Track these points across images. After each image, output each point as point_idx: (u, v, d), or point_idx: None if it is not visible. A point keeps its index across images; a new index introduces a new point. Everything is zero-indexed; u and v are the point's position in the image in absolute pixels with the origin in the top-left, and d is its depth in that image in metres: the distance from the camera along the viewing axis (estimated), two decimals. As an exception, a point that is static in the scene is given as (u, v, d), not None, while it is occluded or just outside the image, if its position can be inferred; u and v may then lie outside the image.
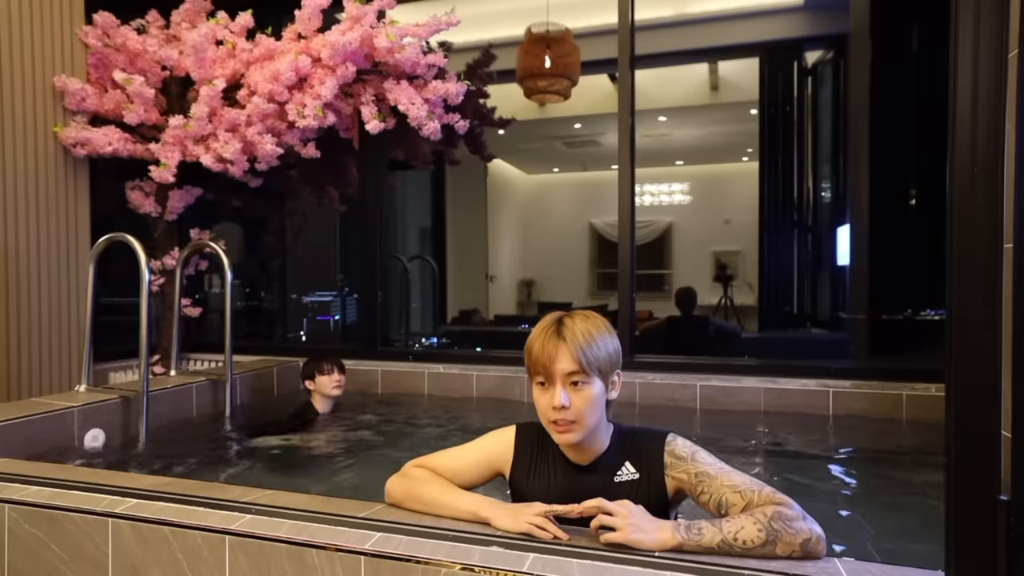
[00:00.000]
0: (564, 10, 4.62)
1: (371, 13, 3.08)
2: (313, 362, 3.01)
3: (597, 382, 1.25)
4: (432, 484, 1.38)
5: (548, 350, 1.23)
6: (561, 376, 1.23)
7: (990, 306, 1.05)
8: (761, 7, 4.71)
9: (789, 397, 2.96)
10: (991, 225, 1.05)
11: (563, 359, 1.23)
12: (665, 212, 9.64)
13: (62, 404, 2.43)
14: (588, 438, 1.29)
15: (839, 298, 4.40)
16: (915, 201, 3.51)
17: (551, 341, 1.24)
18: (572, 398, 1.23)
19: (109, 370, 3.59)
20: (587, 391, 1.24)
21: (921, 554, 1.59)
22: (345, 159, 3.90)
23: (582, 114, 6.85)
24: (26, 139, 3.10)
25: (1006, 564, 1.03)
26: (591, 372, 1.24)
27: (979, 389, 1.05)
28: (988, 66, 1.06)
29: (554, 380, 1.24)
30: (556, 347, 1.23)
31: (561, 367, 1.23)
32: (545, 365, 1.23)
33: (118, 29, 3.34)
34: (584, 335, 1.24)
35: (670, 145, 8.30)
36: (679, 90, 6.50)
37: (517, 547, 1.21)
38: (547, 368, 1.24)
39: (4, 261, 3.00)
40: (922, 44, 3.51)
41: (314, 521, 1.35)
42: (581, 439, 1.27)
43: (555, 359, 1.23)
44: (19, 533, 1.53)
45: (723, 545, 1.15)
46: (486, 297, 8.51)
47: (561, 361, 1.23)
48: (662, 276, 9.53)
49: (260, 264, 4.49)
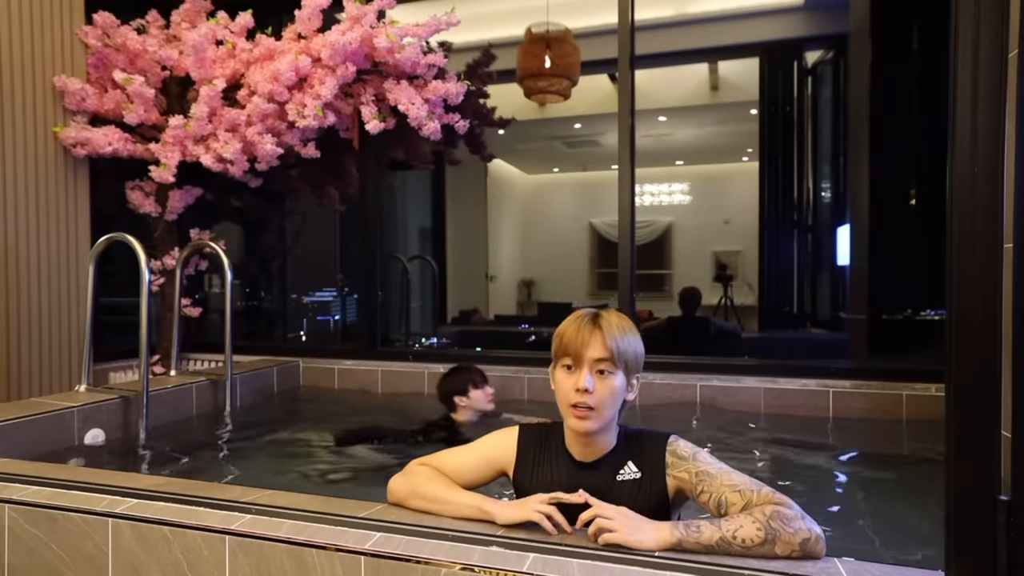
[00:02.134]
0: (564, 10, 4.62)
1: (371, 13, 3.08)
2: (461, 374, 2.65)
3: (621, 376, 1.29)
4: (436, 482, 1.38)
5: (583, 335, 1.28)
6: (590, 361, 1.27)
7: (990, 306, 1.05)
8: (761, 7, 4.71)
9: (789, 397, 2.96)
10: (991, 225, 1.05)
11: (595, 345, 1.27)
12: (665, 212, 9.65)
13: (62, 404, 2.43)
14: (599, 432, 1.31)
15: (839, 298, 4.39)
16: (915, 201, 3.51)
17: (586, 327, 1.29)
18: (596, 385, 1.27)
19: (109, 370, 3.59)
20: (611, 381, 1.28)
21: (921, 554, 1.59)
22: (345, 159, 3.90)
23: (582, 114, 6.85)
24: (26, 139, 3.10)
25: (1006, 564, 1.03)
26: (618, 363, 1.28)
27: (979, 389, 1.05)
28: (988, 66, 1.05)
29: (582, 364, 1.27)
30: (591, 333, 1.28)
31: (592, 353, 1.27)
32: (577, 348, 1.27)
33: (118, 29, 3.34)
34: (619, 328, 1.30)
35: (670, 145, 8.30)
36: (679, 90, 6.50)
37: (517, 547, 1.21)
38: (578, 352, 1.27)
39: (4, 261, 3.00)
40: (922, 44, 3.51)
41: (314, 521, 1.35)
42: (595, 429, 1.29)
43: (588, 344, 1.27)
44: (19, 533, 1.53)
45: (722, 543, 1.16)
46: (486, 297, 8.51)
47: (593, 347, 1.27)
48: (662, 276, 9.53)
49: (260, 264, 4.49)
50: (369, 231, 3.79)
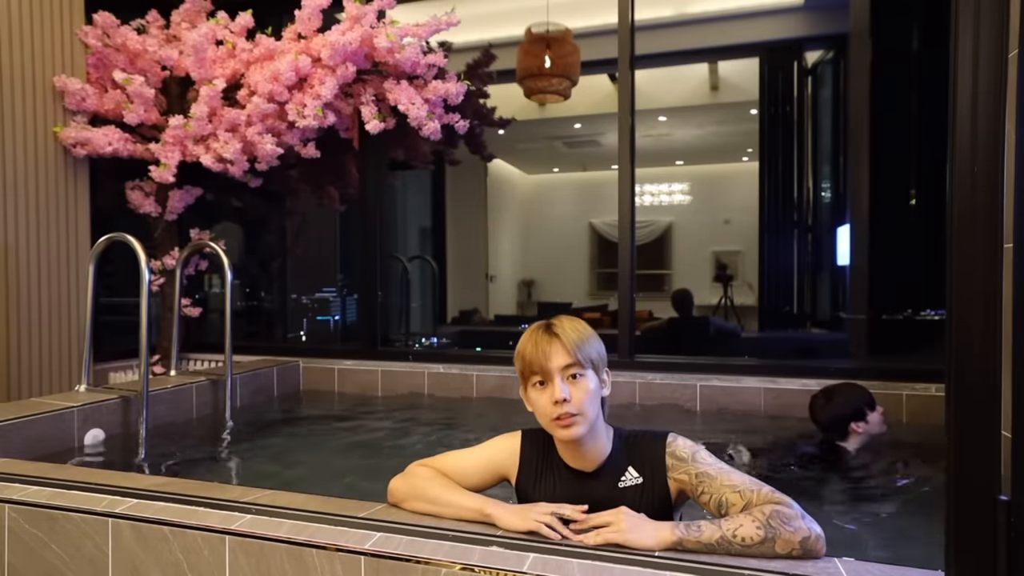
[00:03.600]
0: (564, 10, 4.62)
1: (371, 13, 3.08)
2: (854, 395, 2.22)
3: (592, 375, 1.29)
4: (437, 483, 1.38)
5: (543, 348, 1.27)
6: (558, 370, 1.26)
7: (990, 306, 1.05)
8: (761, 7, 4.71)
9: (789, 397, 2.96)
10: (991, 225, 1.05)
11: (558, 354, 1.26)
12: (665, 212, 9.65)
13: (62, 404, 2.43)
14: (590, 436, 1.30)
15: (839, 298, 4.39)
16: (915, 201, 3.51)
17: (543, 339, 1.28)
18: (572, 390, 1.26)
19: (109, 370, 3.59)
20: (584, 383, 1.27)
21: (921, 554, 1.59)
22: (345, 159, 3.90)
23: (582, 114, 6.85)
24: (26, 139, 3.10)
25: (1006, 564, 1.03)
26: (585, 364, 1.27)
27: (979, 389, 1.05)
28: (988, 66, 1.05)
29: (551, 376, 1.27)
30: (550, 343, 1.27)
31: (557, 362, 1.26)
32: (541, 363, 1.27)
33: (118, 29, 3.34)
34: (574, 331, 1.29)
35: (670, 145, 8.30)
36: (679, 90, 6.50)
37: (517, 547, 1.21)
38: (543, 366, 1.27)
39: (4, 261, 3.00)
40: (922, 44, 3.51)
41: (314, 521, 1.35)
42: (584, 433, 1.28)
43: (550, 355, 1.26)
44: (19, 533, 1.53)
45: (722, 542, 1.16)
46: (486, 297, 8.51)
47: (556, 356, 1.26)
48: (662, 276, 9.53)
49: (260, 264, 4.49)
50: (369, 231, 3.79)
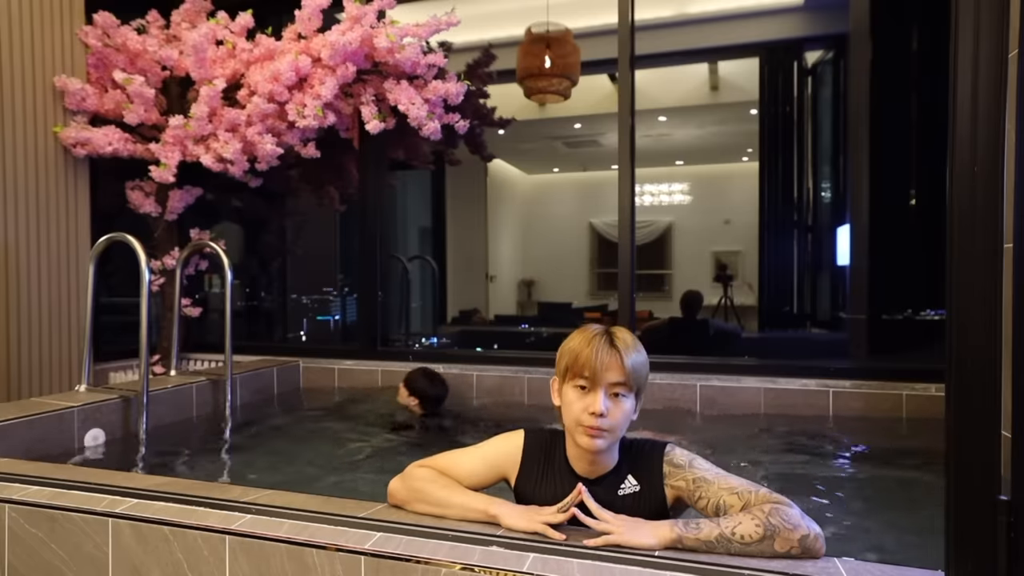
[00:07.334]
0: (564, 10, 4.62)
1: (371, 13, 3.08)
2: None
3: (632, 399, 1.29)
4: (438, 483, 1.37)
5: (601, 357, 1.25)
6: (607, 384, 1.26)
7: (990, 306, 1.05)
8: (761, 7, 4.71)
9: (789, 397, 2.96)
10: (991, 225, 1.05)
11: (613, 369, 1.25)
12: (665, 212, 9.65)
13: (62, 404, 2.43)
14: (607, 451, 1.31)
15: (839, 298, 4.39)
16: (915, 201, 3.51)
17: (604, 348, 1.26)
18: (611, 407, 1.26)
19: (109, 370, 3.59)
20: (624, 404, 1.27)
21: (921, 554, 1.59)
22: (345, 159, 3.90)
23: (582, 114, 6.85)
24: (26, 139, 3.10)
25: (1006, 564, 1.03)
26: (633, 386, 1.27)
27: (979, 389, 1.05)
28: (988, 66, 1.05)
29: (598, 386, 1.26)
30: (610, 355, 1.26)
31: (611, 376, 1.25)
32: (595, 370, 1.25)
33: (118, 29, 3.34)
34: (635, 352, 1.28)
35: (670, 145, 8.30)
36: (679, 90, 6.50)
37: (517, 547, 1.21)
38: (596, 373, 1.25)
39: (4, 261, 3.00)
40: (922, 44, 3.50)
41: (314, 521, 1.35)
42: (605, 447, 1.29)
43: (608, 367, 1.25)
44: (19, 533, 1.53)
45: (721, 539, 1.16)
46: (486, 297, 8.51)
47: (612, 370, 1.25)
48: (662, 276, 9.53)
49: (260, 264, 4.49)
50: (369, 231, 3.79)
